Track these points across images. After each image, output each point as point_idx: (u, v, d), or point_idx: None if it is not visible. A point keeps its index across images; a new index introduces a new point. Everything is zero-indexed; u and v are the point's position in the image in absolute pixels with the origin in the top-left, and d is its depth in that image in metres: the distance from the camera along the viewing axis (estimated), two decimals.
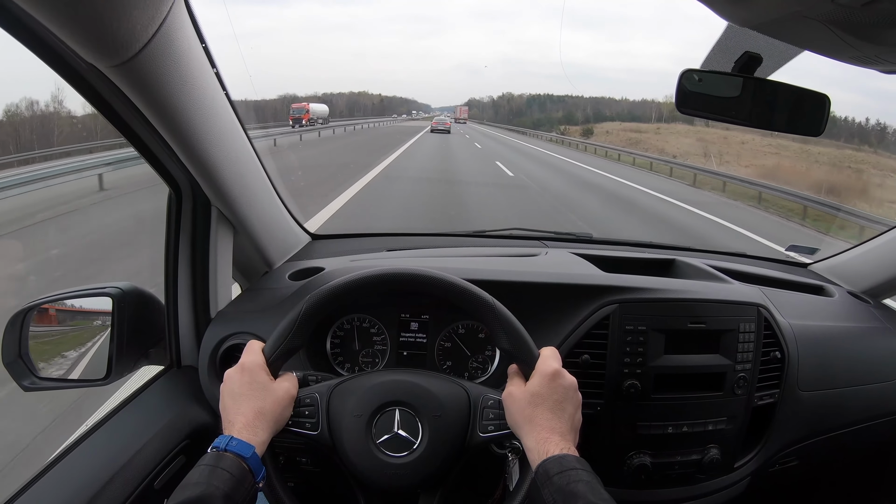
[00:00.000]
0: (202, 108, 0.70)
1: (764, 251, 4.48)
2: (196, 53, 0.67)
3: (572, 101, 74.67)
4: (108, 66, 0.57)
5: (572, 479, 0.56)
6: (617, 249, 1.28)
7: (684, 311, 0.89)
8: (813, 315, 1.09)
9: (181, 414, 0.85)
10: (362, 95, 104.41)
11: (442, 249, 1.25)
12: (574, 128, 44.41)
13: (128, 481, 0.72)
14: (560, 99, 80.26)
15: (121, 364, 0.85)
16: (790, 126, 0.81)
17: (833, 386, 1.03)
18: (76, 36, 0.52)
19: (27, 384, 0.83)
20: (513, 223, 1.46)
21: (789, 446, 1.02)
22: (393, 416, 0.67)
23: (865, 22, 0.52)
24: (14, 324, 0.82)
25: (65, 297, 0.88)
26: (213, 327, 0.90)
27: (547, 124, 52.89)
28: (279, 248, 1.08)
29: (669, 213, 8.06)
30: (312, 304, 0.68)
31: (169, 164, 0.78)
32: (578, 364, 0.86)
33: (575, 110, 64.98)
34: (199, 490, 0.53)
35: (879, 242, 1.24)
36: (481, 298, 0.69)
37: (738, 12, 0.59)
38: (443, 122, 32.06)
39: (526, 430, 0.62)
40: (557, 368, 0.65)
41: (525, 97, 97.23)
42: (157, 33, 0.57)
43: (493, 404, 0.68)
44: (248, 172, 0.88)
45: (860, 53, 0.60)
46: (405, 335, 0.94)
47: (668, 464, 0.90)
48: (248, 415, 0.61)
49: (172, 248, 0.88)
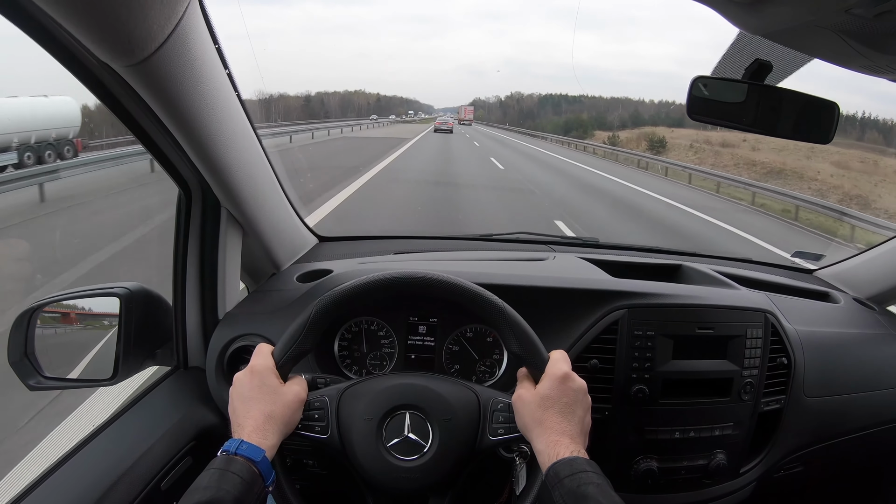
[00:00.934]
0: (215, 109, 0.70)
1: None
2: (210, 54, 0.67)
3: (590, 102, 67.97)
4: (123, 66, 0.57)
5: (583, 482, 0.56)
6: (623, 254, 1.28)
7: (692, 317, 0.89)
8: (819, 321, 1.09)
9: (188, 415, 0.85)
10: (358, 94, 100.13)
11: (450, 253, 1.25)
12: (609, 135, 34.56)
13: (135, 482, 0.72)
14: (576, 99, 72.90)
15: (127, 364, 0.85)
16: (799, 133, 0.81)
17: (838, 392, 1.03)
18: (92, 35, 0.52)
19: (33, 383, 0.82)
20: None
21: (794, 452, 1.02)
22: (403, 419, 0.66)
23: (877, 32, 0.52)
24: (21, 323, 0.82)
25: (72, 297, 0.88)
26: (222, 329, 0.90)
27: (577, 129, 42.11)
28: (287, 249, 1.08)
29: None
30: (322, 307, 0.68)
31: (179, 164, 0.78)
32: (587, 369, 0.86)
33: (604, 112, 56.11)
34: (209, 494, 0.53)
35: (885, 249, 1.24)
36: (491, 302, 0.69)
37: (751, 21, 0.59)
38: (446, 122, 35.79)
39: (536, 433, 0.62)
40: (567, 371, 0.65)
41: (536, 97, 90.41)
42: (172, 34, 0.57)
43: (502, 407, 0.68)
44: (259, 174, 0.88)
45: (871, 63, 0.61)
46: (413, 338, 0.94)
47: (675, 469, 0.90)
48: (257, 418, 0.61)
49: (181, 249, 0.88)
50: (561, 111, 69.84)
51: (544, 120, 62.53)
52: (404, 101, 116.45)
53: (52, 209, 6.01)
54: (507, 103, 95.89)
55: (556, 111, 72.45)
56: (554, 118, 62.04)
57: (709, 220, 8.15)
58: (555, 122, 53.70)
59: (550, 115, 69.99)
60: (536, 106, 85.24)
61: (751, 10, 0.57)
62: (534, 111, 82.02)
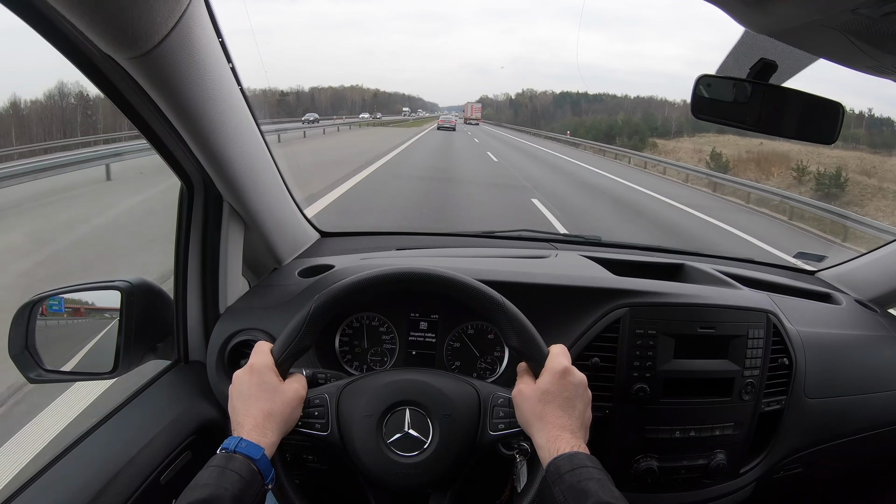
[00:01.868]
0: (218, 102, 0.70)
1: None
2: (213, 47, 0.67)
3: (613, 101, 60.96)
4: (126, 58, 0.57)
5: (583, 477, 0.56)
6: (626, 253, 1.28)
7: (694, 316, 0.89)
8: (820, 322, 1.09)
9: (188, 409, 0.85)
10: (354, 90, 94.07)
11: (452, 249, 1.25)
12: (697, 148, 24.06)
13: (134, 475, 0.72)
14: (597, 98, 65.89)
15: (128, 358, 0.84)
16: (803, 133, 0.81)
17: (839, 394, 1.03)
18: (96, 26, 0.52)
19: (33, 376, 0.83)
20: None
21: (795, 453, 1.02)
22: (403, 415, 0.66)
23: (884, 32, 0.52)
24: (21, 316, 0.82)
25: (73, 290, 0.88)
26: (222, 323, 0.90)
27: (625, 135, 31.66)
28: (289, 244, 1.08)
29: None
30: (322, 303, 0.68)
31: (182, 158, 0.78)
32: (588, 367, 0.86)
33: (631, 112, 47.84)
34: (208, 491, 0.53)
35: (887, 251, 1.24)
36: (490, 296, 0.69)
37: (756, 19, 0.59)
38: (448, 120, 36.75)
39: (536, 428, 0.62)
40: (567, 366, 0.65)
41: (551, 95, 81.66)
42: (176, 26, 0.57)
43: (503, 402, 0.67)
44: (261, 168, 0.88)
45: (877, 63, 0.60)
46: (414, 334, 0.94)
47: (675, 468, 0.90)
48: (257, 416, 0.61)
49: (183, 243, 0.88)
50: (581, 111, 62.89)
51: (568, 121, 53.05)
52: (406, 98, 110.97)
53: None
54: (519, 101, 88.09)
55: (575, 111, 65.03)
56: (574, 119, 54.89)
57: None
58: (581, 124, 43.58)
59: (569, 114, 62.85)
60: (551, 105, 77.48)
61: (757, 9, 0.56)
62: (549, 110, 74.24)
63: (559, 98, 77.40)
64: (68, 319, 0.90)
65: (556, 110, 72.93)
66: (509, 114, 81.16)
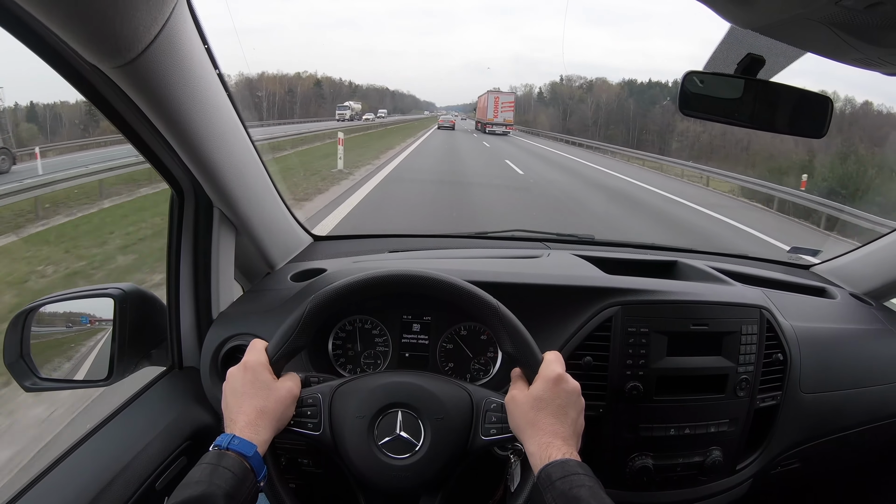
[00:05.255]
0: (205, 108, 0.70)
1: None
2: (198, 54, 0.67)
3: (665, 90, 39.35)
4: (111, 67, 0.57)
5: (574, 485, 0.55)
6: (618, 251, 1.28)
7: (686, 313, 0.89)
8: (815, 317, 1.08)
9: (183, 415, 0.85)
10: (325, 81, 69.53)
11: (444, 251, 1.25)
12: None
13: (129, 482, 0.72)
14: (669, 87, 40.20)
15: (122, 365, 0.85)
16: (792, 128, 0.81)
17: (835, 388, 1.03)
18: (78, 37, 0.52)
19: (28, 384, 0.83)
20: None
21: (791, 448, 1.01)
22: (395, 417, 0.66)
23: (869, 24, 0.52)
24: (16, 324, 0.82)
25: (67, 298, 0.88)
26: (215, 328, 0.90)
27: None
28: (281, 249, 1.08)
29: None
30: (317, 304, 0.68)
31: (171, 165, 0.78)
32: (581, 366, 0.86)
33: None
34: (200, 489, 0.53)
35: (882, 244, 1.24)
36: (485, 301, 0.69)
37: (741, 14, 0.59)
38: (448, 119, 37.58)
39: (528, 434, 0.62)
40: (561, 373, 0.65)
41: (616, 86, 48.33)
42: (159, 34, 0.57)
43: (495, 407, 0.67)
44: (251, 174, 0.88)
45: (863, 56, 0.60)
46: (407, 336, 0.94)
47: (671, 466, 0.90)
48: (250, 413, 0.61)
49: (174, 249, 0.88)
50: (668, 111, 38.38)
51: (684, 135, 28.33)
52: (390, 94, 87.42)
53: None
54: (561, 92, 52.27)
55: (664, 113, 39.32)
56: (680, 125, 30.62)
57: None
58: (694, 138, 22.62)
59: (658, 118, 39.13)
60: (616, 103, 46.11)
61: (741, 4, 0.56)
62: (619, 110, 43.78)
63: (643, 88, 43.93)
64: (62, 327, 0.90)
65: (646, 113, 41.71)
66: (544, 118, 51.35)
